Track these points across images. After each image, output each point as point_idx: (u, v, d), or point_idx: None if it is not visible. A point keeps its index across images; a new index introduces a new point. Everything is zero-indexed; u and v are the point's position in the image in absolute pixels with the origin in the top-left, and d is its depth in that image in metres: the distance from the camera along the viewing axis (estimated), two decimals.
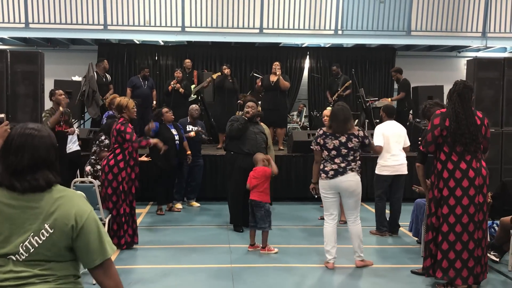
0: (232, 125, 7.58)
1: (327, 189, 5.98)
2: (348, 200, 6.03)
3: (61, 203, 2.28)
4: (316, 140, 6.05)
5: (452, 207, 5.04)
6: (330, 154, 5.93)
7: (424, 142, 5.18)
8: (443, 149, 5.10)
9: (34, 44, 13.53)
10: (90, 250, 2.30)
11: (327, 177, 5.93)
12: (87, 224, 2.29)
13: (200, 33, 12.70)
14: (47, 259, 2.26)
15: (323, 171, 5.97)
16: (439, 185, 5.12)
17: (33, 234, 2.24)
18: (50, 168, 2.33)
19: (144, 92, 11.56)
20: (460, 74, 13.92)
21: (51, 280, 2.27)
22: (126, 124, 6.57)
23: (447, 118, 5.04)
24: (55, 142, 2.41)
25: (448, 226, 5.06)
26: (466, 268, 5.06)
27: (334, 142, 5.92)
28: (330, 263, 6.05)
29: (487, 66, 9.96)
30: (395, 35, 12.95)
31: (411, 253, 6.71)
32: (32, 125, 2.39)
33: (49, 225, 2.24)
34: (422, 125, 10.25)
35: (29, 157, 2.30)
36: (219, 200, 9.33)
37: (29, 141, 2.31)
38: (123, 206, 6.53)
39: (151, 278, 5.70)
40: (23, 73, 9.17)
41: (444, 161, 5.09)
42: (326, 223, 6.07)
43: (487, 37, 12.76)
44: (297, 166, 9.83)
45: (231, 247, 6.86)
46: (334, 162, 5.92)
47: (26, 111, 9.03)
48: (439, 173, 5.13)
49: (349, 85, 11.64)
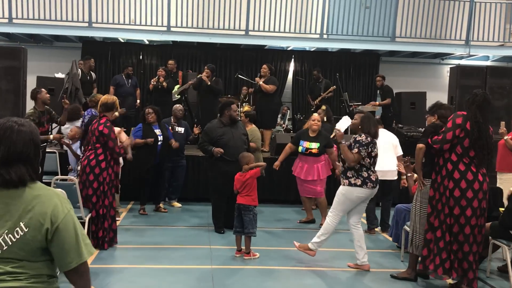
0: (203, 145, 7.61)
1: (366, 197, 5.99)
2: (364, 204, 6.13)
3: (38, 201, 2.25)
4: (367, 147, 5.84)
5: (463, 208, 5.11)
6: (371, 162, 5.92)
7: (442, 138, 5.15)
8: (455, 150, 5.15)
9: (17, 40, 13.37)
10: (65, 252, 2.25)
11: (373, 186, 5.92)
12: (63, 225, 2.25)
13: (185, 33, 12.65)
14: (19, 257, 2.22)
15: (369, 180, 5.88)
16: (448, 185, 5.16)
17: (8, 232, 2.20)
18: (26, 164, 2.28)
19: (127, 91, 11.52)
20: (443, 81, 14.06)
21: (22, 278, 2.23)
22: (110, 128, 6.46)
23: (469, 122, 5.11)
24: (36, 139, 2.35)
25: (459, 227, 5.15)
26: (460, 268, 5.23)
27: (375, 150, 5.93)
28: (314, 252, 6.18)
29: (469, 74, 10.08)
30: (379, 41, 13.04)
31: (390, 257, 6.77)
32: (16, 119, 2.35)
33: (24, 223, 2.21)
34: (404, 130, 10.33)
35: (5, 150, 2.26)
36: (201, 201, 9.31)
37: (7, 134, 2.28)
38: (102, 207, 6.47)
39: (130, 278, 5.66)
40: (5, 69, 9.08)
41: (455, 162, 5.14)
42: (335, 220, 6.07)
43: (471, 45, 12.90)
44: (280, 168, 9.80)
45: (212, 248, 6.84)
46: (374, 170, 5.95)
47: (8, 107, 8.93)
48: (448, 173, 5.16)
49: (332, 90, 11.72)
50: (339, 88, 12.21)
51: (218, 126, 7.62)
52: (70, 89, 10.50)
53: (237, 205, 6.55)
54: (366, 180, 5.88)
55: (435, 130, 5.40)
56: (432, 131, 5.41)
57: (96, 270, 5.73)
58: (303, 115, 12.93)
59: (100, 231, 6.46)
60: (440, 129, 5.37)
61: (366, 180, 5.88)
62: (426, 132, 5.58)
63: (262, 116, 10.35)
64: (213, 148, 7.42)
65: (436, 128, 5.44)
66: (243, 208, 6.47)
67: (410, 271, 5.81)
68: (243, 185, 6.51)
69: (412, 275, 5.78)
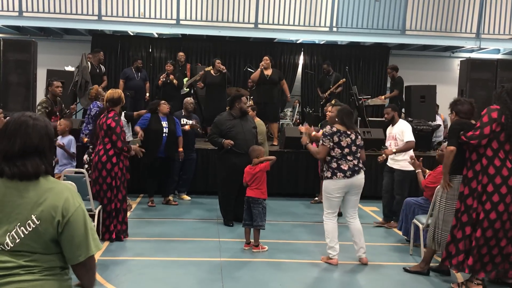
0: (212, 137, 7.63)
1: (342, 188, 5.93)
2: (354, 197, 6.08)
3: (50, 194, 2.26)
4: (331, 137, 5.88)
5: (495, 204, 5.06)
6: (343, 152, 5.89)
7: (479, 133, 5.06)
8: (491, 145, 5.09)
9: (27, 33, 13.43)
10: (74, 245, 2.27)
11: (345, 176, 5.87)
12: (73, 218, 2.26)
13: (194, 27, 12.63)
14: (32, 250, 2.24)
15: (339, 170, 5.87)
16: (482, 180, 5.11)
17: (20, 224, 2.22)
18: (42, 157, 2.31)
19: (137, 84, 11.54)
20: (453, 74, 13.97)
21: (36, 271, 2.25)
22: (117, 121, 6.49)
23: (503, 115, 5.05)
24: (50, 133, 2.39)
25: (488, 222, 5.09)
26: (491, 263, 5.17)
27: (347, 140, 5.91)
28: (335, 259, 6.08)
29: (480, 67, 10.00)
30: (389, 34, 12.96)
31: (399, 251, 6.77)
32: (30, 113, 2.39)
33: (36, 216, 2.22)
34: (414, 124, 10.28)
35: (21, 143, 2.29)
36: (210, 194, 9.33)
37: (23, 128, 2.31)
38: (116, 201, 6.52)
39: (139, 270, 5.69)
40: (15, 62, 9.13)
41: (490, 157, 5.08)
42: (329, 220, 6.05)
43: (481, 38, 12.79)
44: (289, 162, 9.82)
45: (221, 241, 6.87)
46: (348, 160, 5.90)
47: (18, 100, 8.98)
48: (483, 168, 5.10)
49: (342, 83, 11.68)
50: (348, 81, 12.17)
51: (227, 119, 7.62)
52: (80, 82, 10.54)
53: (246, 198, 6.57)
54: (335, 171, 5.88)
55: (462, 127, 5.30)
56: (459, 129, 5.30)
57: (105, 262, 5.78)
58: (312, 108, 12.91)
59: (112, 225, 6.53)
60: (466, 125, 5.30)
61: (335, 170, 5.87)
62: (453, 132, 5.42)
63: (266, 109, 10.31)
64: (223, 140, 7.43)
65: (462, 125, 5.34)
66: (252, 201, 6.49)
67: (424, 265, 5.80)
68: (252, 178, 6.53)
69: (425, 269, 5.77)
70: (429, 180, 6.46)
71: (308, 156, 8.70)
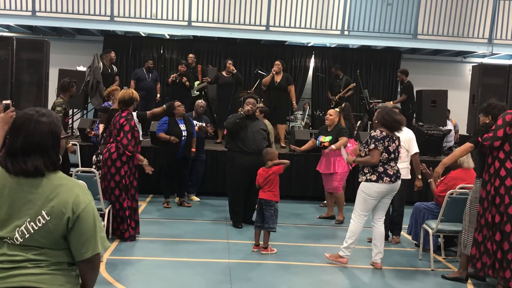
0: (229, 119, 7.63)
1: (384, 192, 5.92)
2: (387, 201, 6.09)
3: (60, 190, 2.28)
4: (382, 141, 5.80)
5: (507, 206, 5.07)
6: (390, 156, 5.87)
7: (492, 136, 5.11)
8: (503, 147, 5.13)
9: (40, 33, 13.53)
10: (82, 242, 2.29)
11: (390, 180, 5.86)
12: (83, 215, 2.28)
13: (206, 28, 12.69)
14: (41, 245, 2.26)
15: (386, 174, 5.84)
16: (495, 183, 5.14)
17: (30, 220, 2.23)
18: (44, 155, 2.31)
19: (148, 85, 11.57)
20: (465, 79, 13.93)
21: (43, 265, 2.27)
22: (129, 121, 6.52)
23: None
24: (55, 130, 2.37)
25: (503, 225, 5.09)
26: None
27: (393, 145, 5.90)
28: (346, 259, 6.10)
29: (492, 72, 9.95)
30: (401, 38, 12.95)
31: (408, 256, 6.74)
32: (38, 109, 2.38)
33: (46, 212, 2.24)
34: (425, 129, 10.25)
35: (23, 140, 2.29)
36: (219, 195, 9.35)
37: (26, 124, 2.31)
38: (126, 200, 6.54)
39: (148, 270, 5.71)
40: (28, 61, 9.19)
41: (502, 159, 5.12)
42: (359, 222, 6.00)
43: (493, 43, 12.76)
44: (298, 164, 9.80)
45: (230, 242, 6.87)
46: (392, 165, 5.90)
47: (30, 99, 9.03)
48: (496, 171, 5.15)
49: (352, 87, 11.65)
50: (359, 85, 12.15)
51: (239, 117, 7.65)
52: (92, 82, 10.60)
53: (259, 199, 6.59)
54: (382, 175, 5.84)
55: (487, 130, 5.32)
56: (484, 131, 5.34)
57: (114, 262, 5.80)
58: (322, 111, 12.90)
59: (125, 224, 6.56)
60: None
61: (382, 174, 5.84)
62: (477, 132, 5.47)
63: (275, 111, 10.31)
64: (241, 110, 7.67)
65: (488, 129, 5.35)
66: (265, 203, 6.49)
67: (462, 271, 5.76)
68: (265, 180, 6.54)
69: (463, 275, 5.74)
70: (441, 188, 6.45)
71: (317, 160, 8.68)
